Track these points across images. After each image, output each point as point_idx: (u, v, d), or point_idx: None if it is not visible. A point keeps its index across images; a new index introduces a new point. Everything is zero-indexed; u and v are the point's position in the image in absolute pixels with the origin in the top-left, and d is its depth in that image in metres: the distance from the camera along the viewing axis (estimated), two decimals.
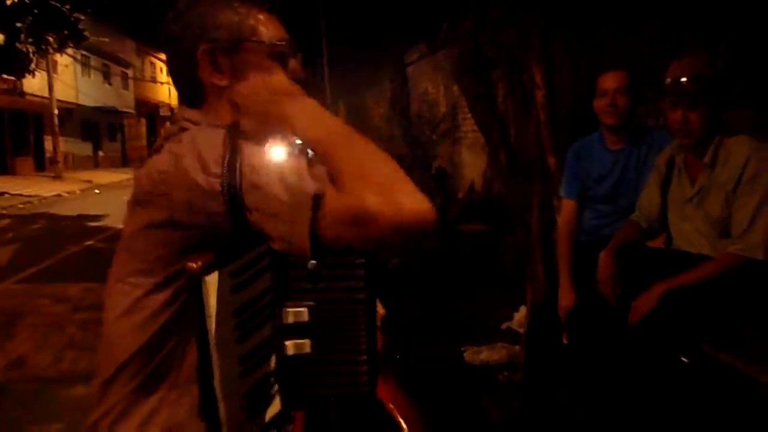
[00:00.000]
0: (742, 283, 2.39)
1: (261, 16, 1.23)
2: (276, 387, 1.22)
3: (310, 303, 1.16)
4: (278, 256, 1.11)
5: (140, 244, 1.14)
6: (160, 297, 1.14)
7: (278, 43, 1.23)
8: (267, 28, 1.23)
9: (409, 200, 0.96)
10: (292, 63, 1.26)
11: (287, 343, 1.17)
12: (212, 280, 1.05)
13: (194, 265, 1.03)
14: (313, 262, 1.02)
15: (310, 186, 0.98)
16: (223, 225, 1.04)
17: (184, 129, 1.17)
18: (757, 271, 2.37)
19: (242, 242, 1.09)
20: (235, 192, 1.01)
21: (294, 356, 1.18)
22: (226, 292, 1.08)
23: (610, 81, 2.89)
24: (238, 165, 1.02)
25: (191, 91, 1.24)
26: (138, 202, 1.15)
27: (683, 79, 2.43)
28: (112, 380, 1.18)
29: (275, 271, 1.14)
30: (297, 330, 1.17)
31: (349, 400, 1.28)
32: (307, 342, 1.17)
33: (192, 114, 1.21)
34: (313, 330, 1.17)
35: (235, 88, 1.18)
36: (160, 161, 1.10)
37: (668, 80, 2.48)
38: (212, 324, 1.06)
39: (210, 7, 1.22)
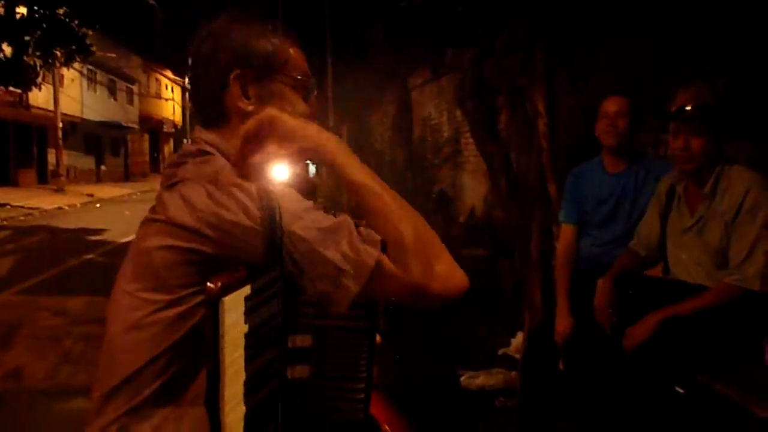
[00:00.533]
0: (737, 313, 2.41)
1: (292, 50, 1.30)
2: (273, 410, 1.23)
3: (315, 330, 1.18)
4: (289, 284, 1.13)
5: (157, 261, 1.14)
6: (173, 314, 1.13)
7: (304, 78, 1.30)
8: (296, 62, 1.30)
9: (458, 281, 1.10)
10: (312, 98, 1.32)
11: (289, 367, 1.19)
12: (229, 302, 1.07)
13: (214, 286, 1.05)
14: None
15: (370, 257, 1.05)
16: (256, 260, 1.08)
17: (203, 150, 1.21)
18: (753, 302, 2.39)
19: (258, 269, 1.11)
20: (274, 236, 1.06)
21: (294, 380, 1.20)
22: (240, 314, 1.10)
23: (611, 104, 2.99)
24: (276, 209, 1.07)
25: (213, 112, 1.27)
26: (163, 225, 1.15)
27: (687, 107, 2.47)
28: (114, 394, 1.16)
29: (285, 297, 1.16)
30: (299, 355, 1.19)
31: (345, 426, 1.29)
32: (307, 368, 1.19)
33: (211, 137, 1.25)
34: (314, 356, 1.19)
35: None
36: (196, 195, 1.11)
37: (673, 108, 2.52)
38: (225, 344, 1.08)
39: (246, 33, 1.27)
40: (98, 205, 22.10)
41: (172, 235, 1.12)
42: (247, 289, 1.10)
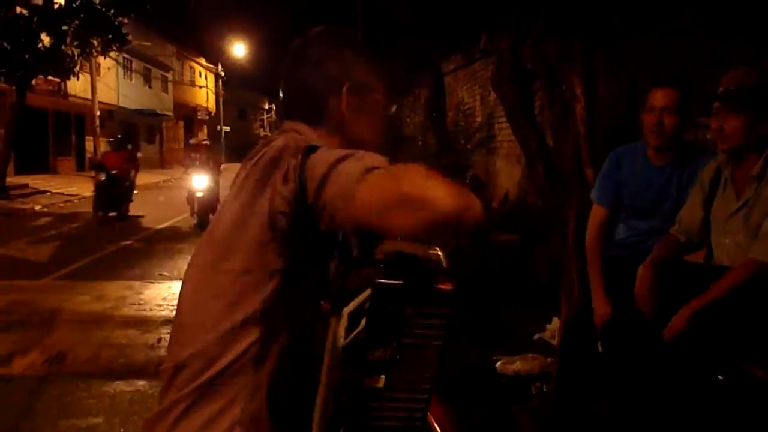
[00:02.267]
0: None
1: (387, 77, 1.44)
2: (345, 417, 1.27)
3: (394, 345, 1.22)
4: (377, 303, 1.17)
5: (230, 229, 1.20)
6: (247, 282, 1.18)
7: (390, 98, 1.46)
8: (387, 86, 1.43)
9: (464, 197, 1.03)
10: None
11: (365, 377, 1.23)
12: (339, 319, 1.15)
13: (327, 305, 1.14)
14: (411, 310, 1.15)
15: (369, 160, 1.07)
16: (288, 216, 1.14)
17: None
18: None
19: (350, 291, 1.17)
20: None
21: (365, 389, 1.24)
22: (343, 330, 1.17)
23: (659, 98, 2.78)
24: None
25: (310, 111, 1.36)
26: (243, 186, 1.22)
27: (731, 88, 2.42)
28: (183, 367, 1.20)
29: (371, 315, 1.19)
30: (376, 367, 1.23)
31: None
32: (381, 378, 1.23)
33: (303, 128, 1.32)
34: (389, 368, 1.23)
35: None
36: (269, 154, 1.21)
37: (720, 89, 2.47)
38: (329, 356, 1.16)
39: (361, 51, 1.41)
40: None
41: (244, 200, 1.20)
42: (352, 306, 1.17)
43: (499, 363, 4.33)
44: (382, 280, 1.14)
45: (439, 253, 1.26)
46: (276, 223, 1.15)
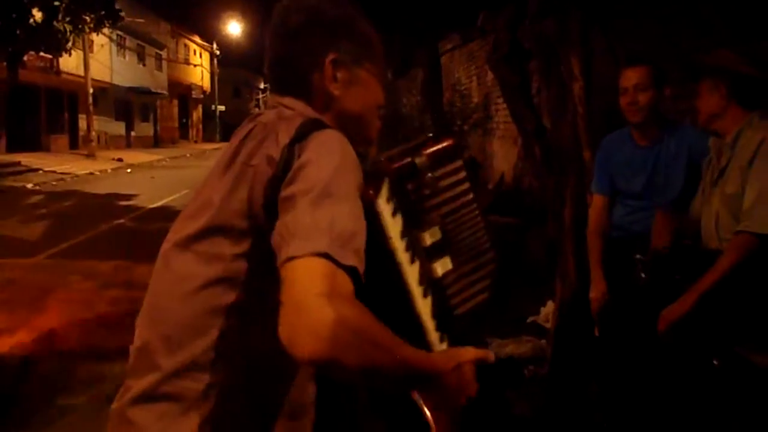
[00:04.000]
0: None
1: (381, 44, 1.30)
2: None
3: (437, 220, 1.22)
4: (397, 185, 1.16)
5: (216, 201, 1.12)
6: (230, 253, 1.10)
7: (385, 67, 1.32)
8: (380, 52, 1.30)
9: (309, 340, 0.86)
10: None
11: (434, 265, 1.21)
12: (381, 205, 1.10)
13: (371, 191, 1.07)
14: (430, 174, 1.16)
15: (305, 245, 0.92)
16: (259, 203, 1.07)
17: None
18: None
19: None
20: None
21: (441, 277, 1.22)
22: (390, 216, 1.13)
23: (630, 77, 2.81)
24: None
25: (294, 85, 1.24)
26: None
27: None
28: (163, 347, 1.13)
29: (401, 199, 1.17)
30: (436, 250, 1.21)
31: (487, 307, 1.33)
32: (447, 258, 1.22)
33: (291, 102, 1.21)
34: (447, 246, 1.22)
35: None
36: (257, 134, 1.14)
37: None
38: (395, 244, 1.12)
39: (342, 16, 1.25)
40: (129, 170, 22.34)
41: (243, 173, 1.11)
42: (385, 190, 1.13)
43: (492, 345, 4.32)
44: (394, 165, 1.15)
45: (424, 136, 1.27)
46: (254, 213, 1.08)
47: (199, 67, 47.51)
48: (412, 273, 1.14)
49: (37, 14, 16.63)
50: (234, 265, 1.10)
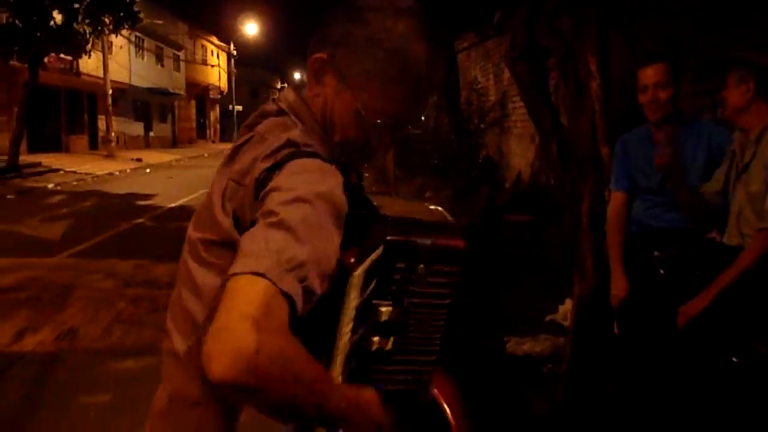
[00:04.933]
0: None
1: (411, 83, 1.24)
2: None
3: (404, 305, 1.18)
4: (387, 261, 1.11)
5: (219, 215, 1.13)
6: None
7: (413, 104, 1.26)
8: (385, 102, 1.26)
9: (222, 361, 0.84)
10: None
11: (374, 338, 1.20)
12: (357, 278, 1.09)
13: (350, 260, 1.06)
14: (423, 266, 1.08)
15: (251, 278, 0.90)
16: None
17: (281, 111, 1.18)
18: None
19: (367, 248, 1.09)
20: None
21: (374, 352, 1.21)
22: (358, 290, 1.11)
23: (650, 75, 2.82)
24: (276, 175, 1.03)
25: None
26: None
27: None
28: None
29: (381, 274, 1.14)
30: (386, 328, 1.20)
31: (406, 398, 1.30)
32: (390, 340, 1.20)
33: (292, 98, 1.20)
34: (398, 329, 1.20)
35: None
36: (249, 154, 1.12)
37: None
38: (345, 315, 1.11)
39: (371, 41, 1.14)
40: (147, 170, 22.52)
41: (231, 190, 1.12)
42: (367, 263, 1.10)
43: (509, 343, 4.32)
44: (392, 237, 1.08)
45: (441, 209, 1.22)
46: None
47: (216, 68, 47.75)
48: (344, 346, 1.13)
49: (58, 16, 16.80)
50: None
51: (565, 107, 3.52)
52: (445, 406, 1.77)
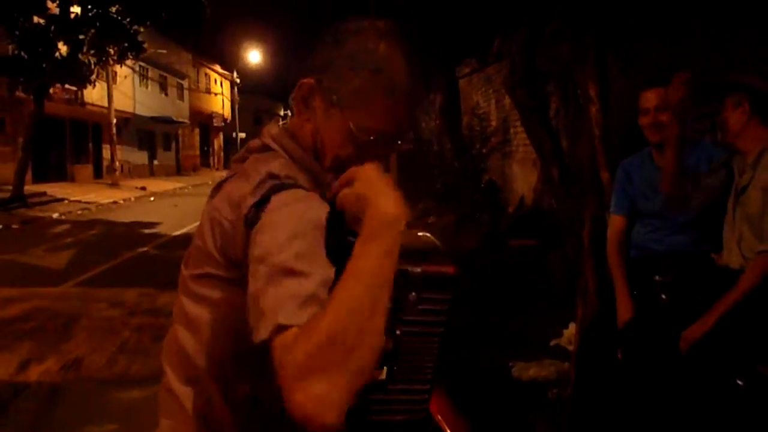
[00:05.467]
0: None
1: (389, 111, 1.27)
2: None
3: (397, 333, 1.18)
4: None
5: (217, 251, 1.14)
6: (210, 320, 1.16)
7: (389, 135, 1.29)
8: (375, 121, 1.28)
9: (326, 416, 0.86)
10: None
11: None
12: None
13: None
14: (414, 294, 1.08)
15: (272, 320, 0.92)
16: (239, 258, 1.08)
17: (266, 146, 1.21)
18: None
19: None
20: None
21: (369, 383, 1.21)
22: None
23: (650, 98, 2.86)
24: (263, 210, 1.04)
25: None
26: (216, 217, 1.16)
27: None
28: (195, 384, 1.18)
29: None
30: (380, 358, 1.20)
31: (406, 427, 1.30)
32: (384, 370, 1.20)
33: (276, 132, 1.23)
34: (391, 359, 1.20)
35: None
36: (234, 191, 1.13)
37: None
38: None
39: (353, 63, 1.19)
40: (152, 198, 22.60)
41: (217, 226, 1.13)
42: None
43: (515, 368, 4.30)
44: None
45: (429, 235, 1.21)
46: (237, 263, 1.10)
47: (220, 96, 48.09)
48: None
49: (63, 48, 16.98)
50: (228, 311, 1.14)
51: (565, 132, 3.55)
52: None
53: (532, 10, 3.69)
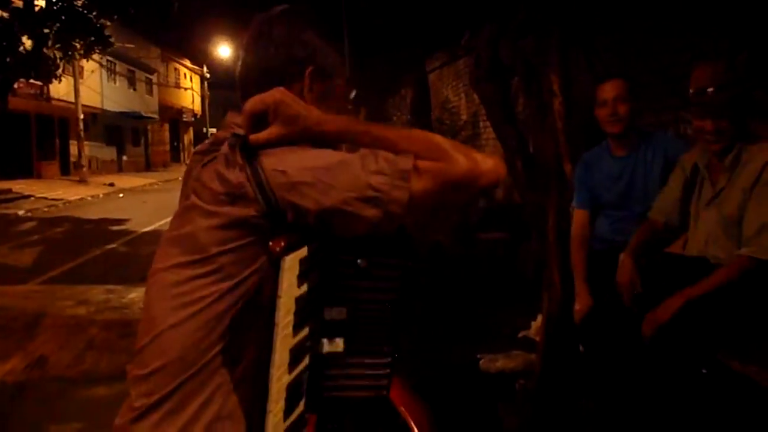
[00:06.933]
0: (759, 290, 2.38)
1: (343, 67, 1.46)
2: (303, 387, 1.23)
3: (349, 302, 1.19)
4: (329, 254, 1.16)
5: (204, 240, 1.16)
6: (222, 288, 1.15)
7: (349, 85, 1.45)
8: (344, 72, 1.44)
9: (497, 164, 1.13)
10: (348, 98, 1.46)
11: (324, 340, 1.20)
12: (288, 263, 1.09)
13: (277, 246, 1.08)
14: (362, 260, 1.15)
15: (404, 161, 1.07)
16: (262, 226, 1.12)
17: (235, 134, 1.22)
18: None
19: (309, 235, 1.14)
20: (268, 199, 1.10)
21: (325, 355, 1.21)
22: (294, 278, 1.12)
23: (609, 90, 2.93)
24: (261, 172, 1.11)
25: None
26: (203, 205, 1.18)
27: (709, 90, 2.44)
28: (158, 372, 1.17)
29: (323, 268, 1.17)
30: (334, 328, 1.20)
31: (367, 404, 1.30)
32: (341, 341, 1.20)
33: (239, 119, 1.25)
34: (347, 329, 1.20)
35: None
36: (227, 168, 1.16)
37: (692, 90, 2.50)
38: (281, 305, 1.09)
39: (322, 33, 1.38)
40: (121, 195, 22.32)
41: (211, 211, 1.16)
42: (303, 252, 1.12)
43: (483, 360, 4.33)
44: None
45: None
46: (242, 226, 1.13)
47: (189, 91, 47.61)
48: (284, 339, 1.12)
49: (27, 42, 16.66)
50: (233, 274, 1.15)
51: (529, 126, 3.58)
52: (414, 426, 1.78)
53: (497, 3, 3.71)
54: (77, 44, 17.88)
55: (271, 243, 1.08)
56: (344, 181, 1.07)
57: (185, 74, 47.47)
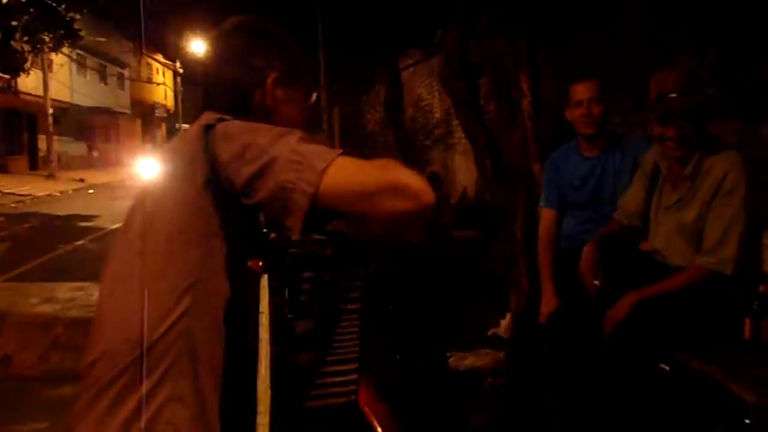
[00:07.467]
0: (716, 292, 2.41)
1: (307, 70, 1.47)
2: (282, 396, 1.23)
3: (315, 315, 1.21)
4: (293, 272, 1.18)
5: (172, 215, 1.19)
6: (177, 258, 1.17)
7: (316, 89, 1.48)
8: (309, 75, 1.48)
9: (426, 190, 1.12)
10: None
11: (297, 354, 1.22)
12: (264, 281, 1.14)
13: (256, 265, 1.12)
14: (329, 274, 1.20)
15: (324, 156, 1.10)
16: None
17: (209, 124, 1.25)
18: (730, 282, 2.40)
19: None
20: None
21: (299, 366, 1.22)
22: (266, 296, 1.15)
23: (583, 91, 2.92)
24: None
25: (233, 101, 1.35)
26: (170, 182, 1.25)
27: (672, 95, 2.44)
28: (108, 354, 1.18)
29: (290, 285, 1.19)
30: (304, 341, 1.21)
31: (336, 410, 1.31)
32: (313, 354, 1.22)
33: (213, 116, 1.27)
34: (317, 341, 1.22)
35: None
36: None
37: (653, 96, 2.50)
38: (264, 321, 1.14)
39: (284, 39, 1.42)
40: (90, 191, 22.02)
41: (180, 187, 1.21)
42: (271, 273, 1.16)
43: (452, 358, 4.35)
44: (294, 250, 1.17)
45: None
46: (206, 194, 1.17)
47: (162, 86, 47.13)
48: (266, 353, 1.16)
49: None
50: (192, 244, 1.18)
51: (498, 125, 3.60)
52: (377, 426, 1.78)
53: (466, 3, 3.71)
54: (46, 37, 17.64)
55: (252, 262, 1.13)
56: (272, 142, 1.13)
57: (158, 69, 46.98)
